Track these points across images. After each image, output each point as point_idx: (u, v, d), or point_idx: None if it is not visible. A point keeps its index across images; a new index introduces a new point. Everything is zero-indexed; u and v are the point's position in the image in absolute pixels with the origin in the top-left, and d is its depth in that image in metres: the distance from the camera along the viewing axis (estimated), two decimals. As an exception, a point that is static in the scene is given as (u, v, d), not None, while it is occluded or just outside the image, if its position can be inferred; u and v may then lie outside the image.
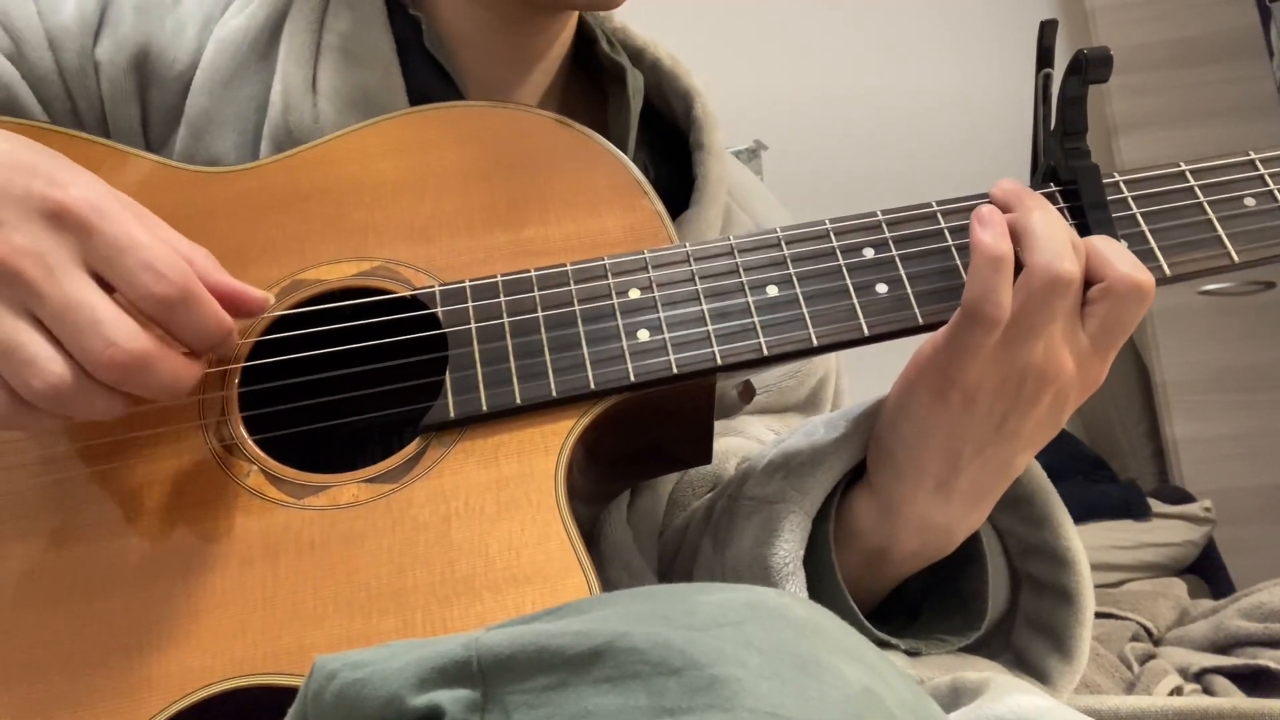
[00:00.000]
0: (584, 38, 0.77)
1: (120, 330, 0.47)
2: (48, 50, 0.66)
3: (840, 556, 0.58)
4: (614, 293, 0.57)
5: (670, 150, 0.77)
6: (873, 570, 0.60)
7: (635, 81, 0.75)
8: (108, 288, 0.48)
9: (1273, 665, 1.16)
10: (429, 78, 0.69)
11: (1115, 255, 0.54)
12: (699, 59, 0.84)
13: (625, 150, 0.70)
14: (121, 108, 0.67)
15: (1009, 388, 0.53)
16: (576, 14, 0.75)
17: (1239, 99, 2.24)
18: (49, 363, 0.46)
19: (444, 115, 0.64)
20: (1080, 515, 1.75)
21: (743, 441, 0.74)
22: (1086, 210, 0.58)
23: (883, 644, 0.58)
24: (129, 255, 0.47)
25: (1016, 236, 0.53)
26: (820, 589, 0.58)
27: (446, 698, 0.33)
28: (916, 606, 0.64)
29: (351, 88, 0.67)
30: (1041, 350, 0.53)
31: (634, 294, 0.57)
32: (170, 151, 0.68)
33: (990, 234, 0.53)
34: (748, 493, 0.62)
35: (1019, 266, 0.53)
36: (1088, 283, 0.54)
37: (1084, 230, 0.58)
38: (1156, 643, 1.39)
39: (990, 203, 0.56)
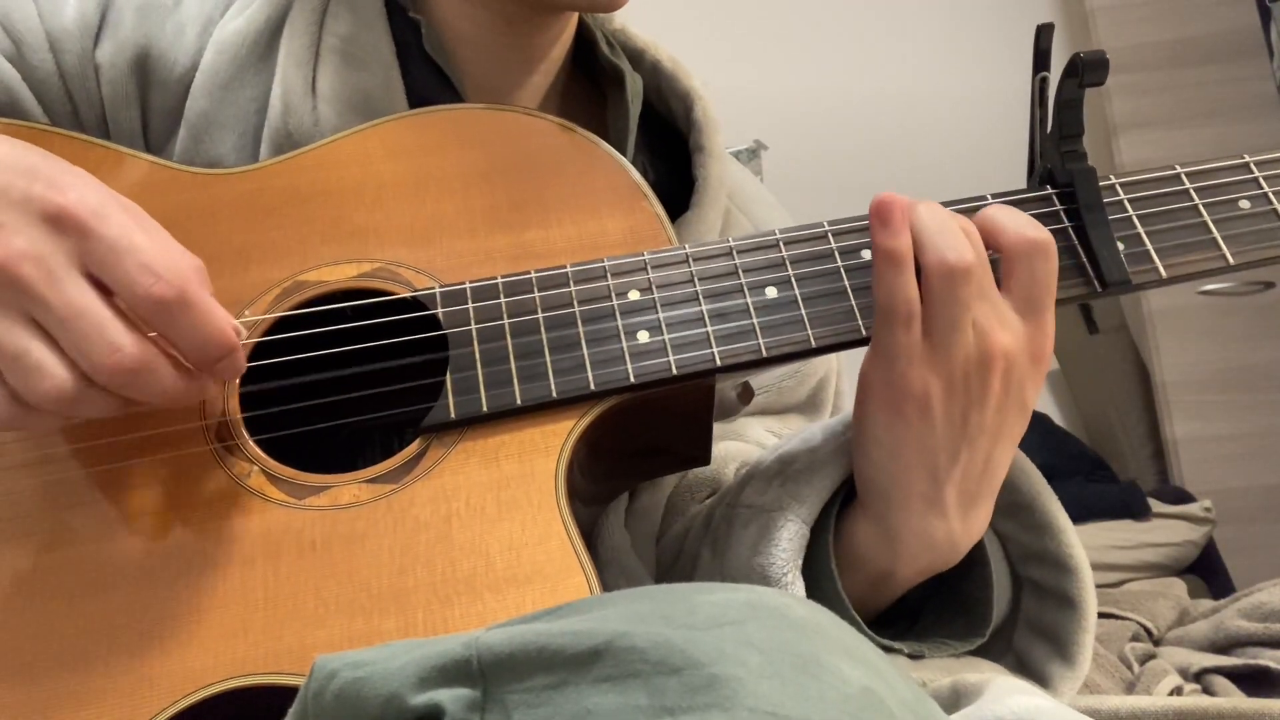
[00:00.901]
0: (584, 40, 0.77)
1: (124, 335, 0.46)
2: (48, 52, 0.66)
3: (846, 580, 0.58)
4: (614, 294, 0.57)
5: (669, 152, 0.77)
6: (879, 590, 0.60)
7: (634, 85, 0.74)
8: (105, 292, 0.48)
9: (1273, 665, 1.16)
10: (429, 80, 0.69)
11: (1006, 221, 0.54)
12: (699, 59, 0.84)
13: (624, 153, 0.70)
14: (122, 110, 0.67)
15: (956, 386, 0.54)
16: (576, 16, 0.75)
17: (1239, 99, 2.24)
18: (54, 368, 0.46)
19: (445, 118, 0.65)
20: (1080, 515, 1.75)
21: (742, 446, 0.74)
22: (1083, 213, 0.58)
23: (885, 649, 0.58)
24: (128, 258, 0.47)
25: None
26: (820, 597, 0.57)
27: (447, 697, 0.33)
28: (916, 609, 0.64)
29: (351, 90, 0.67)
30: (971, 339, 0.53)
31: (634, 295, 0.57)
32: (170, 153, 0.68)
33: (883, 233, 0.53)
34: (745, 500, 0.62)
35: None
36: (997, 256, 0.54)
37: (1081, 233, 0.58)
38: (1156, 643, 1.39)
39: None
